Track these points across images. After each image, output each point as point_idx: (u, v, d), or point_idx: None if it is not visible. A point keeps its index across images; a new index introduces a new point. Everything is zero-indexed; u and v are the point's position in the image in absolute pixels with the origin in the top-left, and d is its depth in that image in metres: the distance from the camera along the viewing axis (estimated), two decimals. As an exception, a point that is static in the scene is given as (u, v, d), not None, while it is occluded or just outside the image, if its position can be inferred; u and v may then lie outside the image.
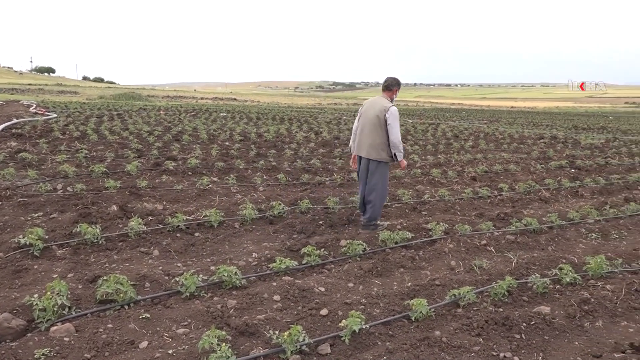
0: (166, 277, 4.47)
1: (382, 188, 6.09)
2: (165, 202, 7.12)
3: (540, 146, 17.01)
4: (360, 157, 6.15)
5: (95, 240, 5.19)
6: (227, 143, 14.21)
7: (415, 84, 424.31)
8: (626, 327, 3.96)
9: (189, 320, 3.72)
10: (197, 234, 5.74)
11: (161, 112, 27.99)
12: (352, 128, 6.39)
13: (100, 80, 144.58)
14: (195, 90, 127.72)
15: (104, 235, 5.35)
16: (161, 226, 5.80)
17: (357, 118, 6.25)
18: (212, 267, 4.78)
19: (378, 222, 6.30)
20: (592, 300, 4.27)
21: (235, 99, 66.56)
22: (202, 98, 64.43)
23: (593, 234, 6.50)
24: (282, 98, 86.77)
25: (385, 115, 5.85)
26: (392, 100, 6.09)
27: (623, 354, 3.45)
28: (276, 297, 4.16)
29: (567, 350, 3.58)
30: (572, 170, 11.86)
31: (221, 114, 28.86)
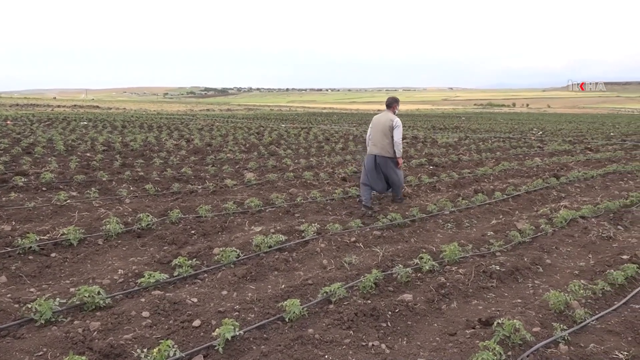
0: (16, 305, 4.02)
1: (399, 173, 8.02)
2: (14, 222, 6.41)
3: (403, 146, 18.26)
4: (374, 156, 7.83)
5: None
6: (88, 154, 13.19)
7: (287, 89, 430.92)
8: (476, 306, 4.42)
9: (45, 350, 3.39)
10: (53, 255, 5.24)
11: (8, 122, 25.15)
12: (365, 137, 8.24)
13: None
14: (54, 97, 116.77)
15: (-64, 264, 4.66)
16: (9, 249, 5.21)
17: (369, 128, 8.06)
18: (72, 289, 4.40)
19: (401, 196, 8.44)
20: (448, 284, 4.69)
21: (97, 107, 62.22)
22: (59, 106, 59.20)
23: (449, 224, 7.14)
24: (150, 105, 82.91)
25: (393, 123, 7.68)
26: (394, 114, 7.95)
27: (473, 330, 3.85)
28: (145, 314, 3.96)
29: (428, 332, 3.90)
30: (431, 167, 12.96)
31: (81, 122, 26.76)
